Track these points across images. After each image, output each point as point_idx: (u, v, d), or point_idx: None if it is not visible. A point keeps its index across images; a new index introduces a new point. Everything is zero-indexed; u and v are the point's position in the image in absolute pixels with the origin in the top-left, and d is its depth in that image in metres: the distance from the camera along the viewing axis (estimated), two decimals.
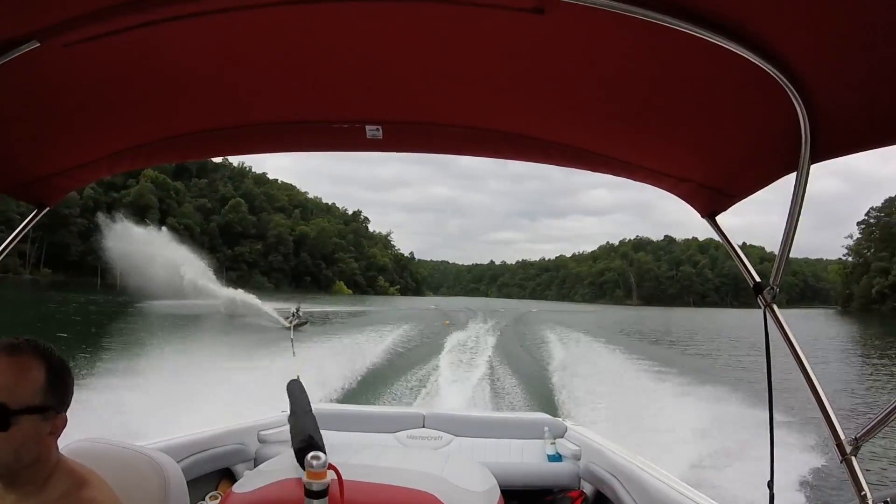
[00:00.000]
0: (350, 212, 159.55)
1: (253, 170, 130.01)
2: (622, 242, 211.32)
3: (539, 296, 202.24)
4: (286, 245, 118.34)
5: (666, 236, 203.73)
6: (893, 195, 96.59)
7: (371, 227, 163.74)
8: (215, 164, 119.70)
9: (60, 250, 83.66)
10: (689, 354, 24.77)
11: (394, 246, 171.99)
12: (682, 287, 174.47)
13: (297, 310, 30.39)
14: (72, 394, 1.22)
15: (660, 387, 11.98)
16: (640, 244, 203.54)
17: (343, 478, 1.53)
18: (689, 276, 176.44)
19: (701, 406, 9.86)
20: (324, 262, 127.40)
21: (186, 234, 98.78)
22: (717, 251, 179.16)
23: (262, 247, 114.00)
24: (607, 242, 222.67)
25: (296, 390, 2.71)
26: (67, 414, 1.20)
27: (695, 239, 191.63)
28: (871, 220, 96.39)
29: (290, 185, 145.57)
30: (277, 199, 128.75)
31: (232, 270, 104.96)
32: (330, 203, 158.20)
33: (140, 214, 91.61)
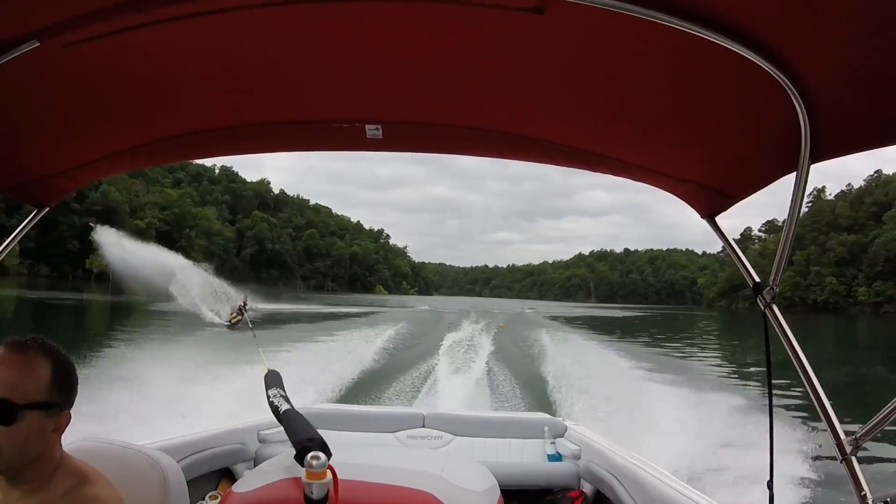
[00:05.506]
0: (375, 229, 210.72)
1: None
2: (591, 253, 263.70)
3: (523, 296, 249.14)
4: (345, 261, 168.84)
5: (625, 249, 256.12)
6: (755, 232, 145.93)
7: (390, 241, 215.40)
8: (285, 197, 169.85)
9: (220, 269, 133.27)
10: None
11: (409, 256, 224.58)
12: (629, 291, 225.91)
13: (244, 304, 26.34)
14: (76, 392, 1.23)
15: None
16: (602, 256, 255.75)
17: (343, 477, 1.50)
18: (636, 282, 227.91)
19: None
20: (367, 271, 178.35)
21: (287, 256, 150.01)
22: (663, 262, 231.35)
23: (329, 262, 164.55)
24: (579, 253, 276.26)
25: (275, 382, 2.46)
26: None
27: (648, 251, 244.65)
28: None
29: (328, 208, 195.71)
30: (329, 224, 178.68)
31: (311, 279, 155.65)
32: (356, 221, 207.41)
33: (260, 244, 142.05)
